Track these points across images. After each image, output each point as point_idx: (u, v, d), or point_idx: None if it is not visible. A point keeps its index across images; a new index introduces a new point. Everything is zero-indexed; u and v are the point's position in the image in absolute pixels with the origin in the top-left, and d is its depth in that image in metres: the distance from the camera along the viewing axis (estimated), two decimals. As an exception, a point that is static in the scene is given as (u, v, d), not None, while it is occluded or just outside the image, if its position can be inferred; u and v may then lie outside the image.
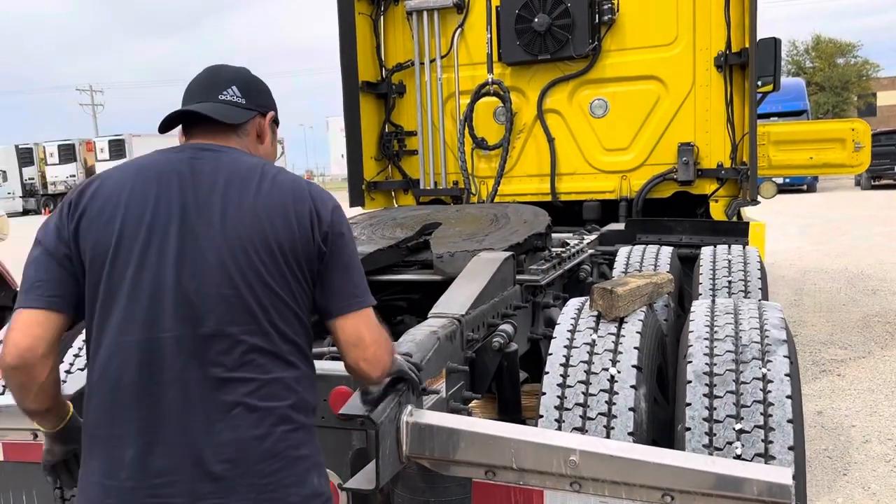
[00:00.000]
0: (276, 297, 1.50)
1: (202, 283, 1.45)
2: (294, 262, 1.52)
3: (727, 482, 1.69)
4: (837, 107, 41.48)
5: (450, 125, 5.68)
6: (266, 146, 1.74)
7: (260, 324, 1.48)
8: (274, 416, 1.48)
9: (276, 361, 1.50)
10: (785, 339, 2.24)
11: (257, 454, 1.46)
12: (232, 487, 1.44)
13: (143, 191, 1.51)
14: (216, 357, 1.45)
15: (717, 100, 5.07)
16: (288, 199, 1.54)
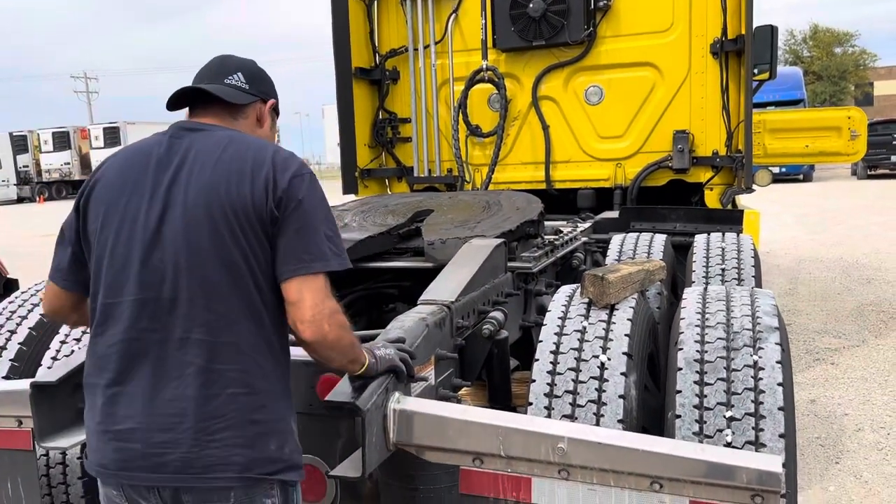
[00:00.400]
0: (234, 264, 1.58)
1: (165, 252, 1.58)
2: (250, 228, 1.58)
3: (717, 470, 1.67)
4: (834, 96, 41.43)
5: (444, 112, 5.64)
6: (265, 130, 1.85)
7: (217, 289, 1.57)
8: (224, 377, 1.56)
9: (231, 326, 1.57)
10: (777, 326, 2.22)
11: (204, 413, 1.55)
12: (180, 440, 1.54)
13: (124, 174, 1.67)
14: (176, 320, 1.57)
15: (713, 87, 5.03)
16: (246, 165, 1.61)
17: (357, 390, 1.88)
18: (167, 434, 1.55)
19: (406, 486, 2.37)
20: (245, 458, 1.56)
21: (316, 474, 2.21)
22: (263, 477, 1.59)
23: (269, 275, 1.62)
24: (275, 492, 1.63)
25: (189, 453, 1.54)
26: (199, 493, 1.57)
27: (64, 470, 2.68)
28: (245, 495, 1.58)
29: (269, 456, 1.60)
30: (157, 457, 1.56)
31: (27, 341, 2.93)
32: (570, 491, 1.81)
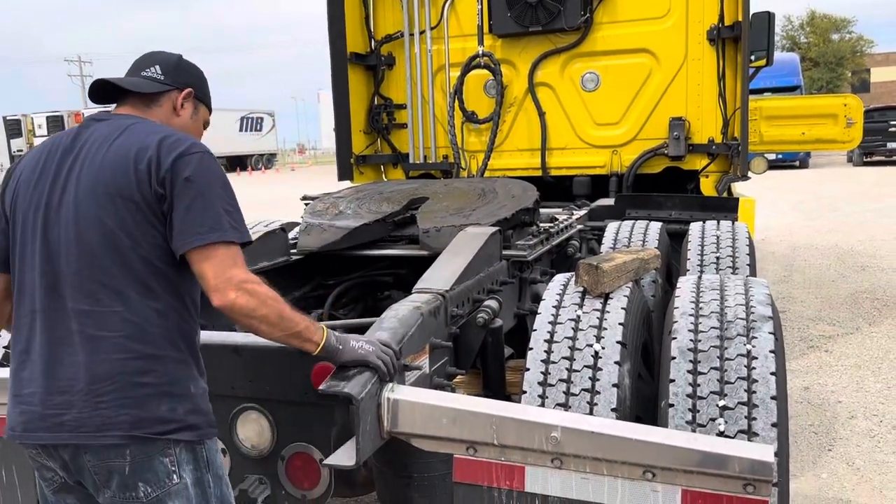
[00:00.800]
0: (117, 241, 1.70)
1: (58, 230, 1.73)
2: (135, 208, 1.70)
3: (709, 459, 1.68)
4: (831, 83, 41.37)
5: (440, 98, 5.62)
6: (183, 119, 1.95)
7: (101, 263, 1.70)
8: (108, 343, 1.68)
9: (115, 297, 1.70)
10: (770, 315, 2.22)
11: (94, 376, 1.67)
12: (73, 402, 1.68)
13: (36, 163, 1.82)
14: (68, 291, 1.71)
15: (710, 74, 5.01)
16: (132, 150, 1.72)
17: (351, 379, 1.88)
18: (62, 396, 1.68)
19: (400, 474, 2.38)
20: (133, 418, 1.67)
21: (310, 463, 2.22)
22: (153, 436, 1.69)
23: (161, 250, 1.72)
24: (173, 451, 1.72)
25: (82, 413, 1.67)
26: (95, 452, 1.69)
27: (58, 457, 2.68)
28: (141, 453, 1.69)
29: (159, 416, 1.69)
30: (53, 417, 1.69)
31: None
32: (564, 480, 1.82)
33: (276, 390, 2.23)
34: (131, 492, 1.70)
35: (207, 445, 1.79)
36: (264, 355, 2.21)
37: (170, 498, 1.72)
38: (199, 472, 1.76)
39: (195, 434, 1.75)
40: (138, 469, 1.69)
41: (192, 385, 1.77)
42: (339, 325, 2.84)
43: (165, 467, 1.71)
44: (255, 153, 44.04)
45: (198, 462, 1.76)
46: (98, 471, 1.70)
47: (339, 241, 3.37)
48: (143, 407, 1.68)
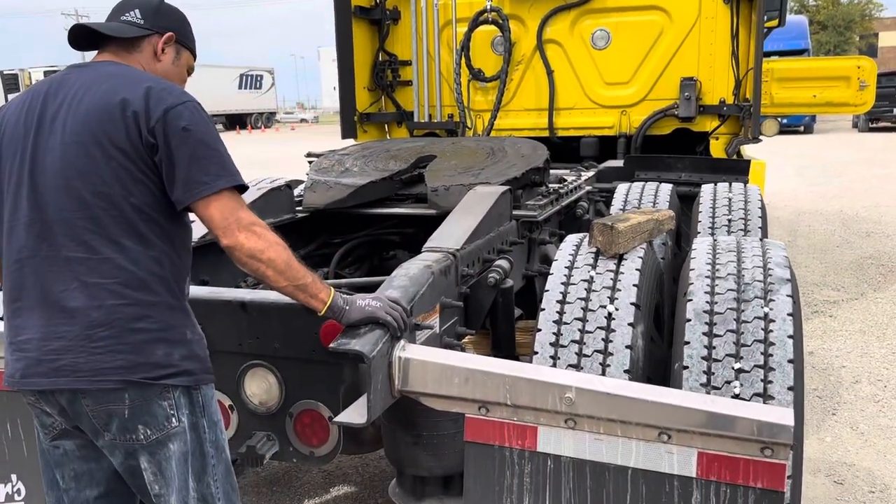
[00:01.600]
0: (107, 189, 1.68)
1: (46, 177, 1.71)
2: (124, 157, 1.69)
3: (727, 421, 1.65)
4: (839, 47, 40.85)
5: (446, 55, 5.50)
6: (164, 64, 1.92)
7: (92, 211, 1.69)
8: (104, 290, 1.68)
9: (109, 244, 1.69)
10: (788, 278, 2.18)
11: (89, 322, 1.68)
12: (69, 347, 1.68)
13: (19, 110, 1.80)
14: (59, 239, 1.70)
15: (723, 33, 4.90)
16: (118, 98, 1.70)
17: (362, 337, 1.85)
18: (58, 342, 1.69)
19: (409, 432, 2.37)
20: (129, 363, 1.68)
21: (319, 420, 2.20)
22: (149, 381, 1.70)
23: (153, 198, 1.72)
24: (171, 395, 1.74)
25: (78, 359, 1.68)
26: (93, 396, 1.70)
27: (64, 412, 2.67)
28: (140, 397, 1.71)
29: (154, 362, 1.71)
30: (50, 363, 1.69)
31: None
32: (577, 440, 1.80)
33: (284, 348, 2.20)
34: (131, 434, 1.73)
35: (203, 391, 1.81)
36: (272, 312, 2.18)
37: (169, 440, 1.75)
38: (195, 417, 1.79)
39: (191, 379, 1.77)
40: (138, 412, 1.71)
41: (187, 331, 1.78)
42: (344, 284, 2.81)
43: (164, 411, 1.74)
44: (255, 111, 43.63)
45: (193, 407, 1.78)
46: (97, 414, 1.72)
47: (345, 198, 3.31)
48: (139, 352, 1.70)
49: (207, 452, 1.81)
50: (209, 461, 1.82)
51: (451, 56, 5.43)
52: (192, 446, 1.79)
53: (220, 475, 1.84)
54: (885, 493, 3.16)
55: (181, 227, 1.81)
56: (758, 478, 1.65)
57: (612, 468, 1.77)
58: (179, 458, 1.77)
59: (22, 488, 2.41)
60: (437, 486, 2.48)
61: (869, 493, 3.18)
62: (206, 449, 1.81)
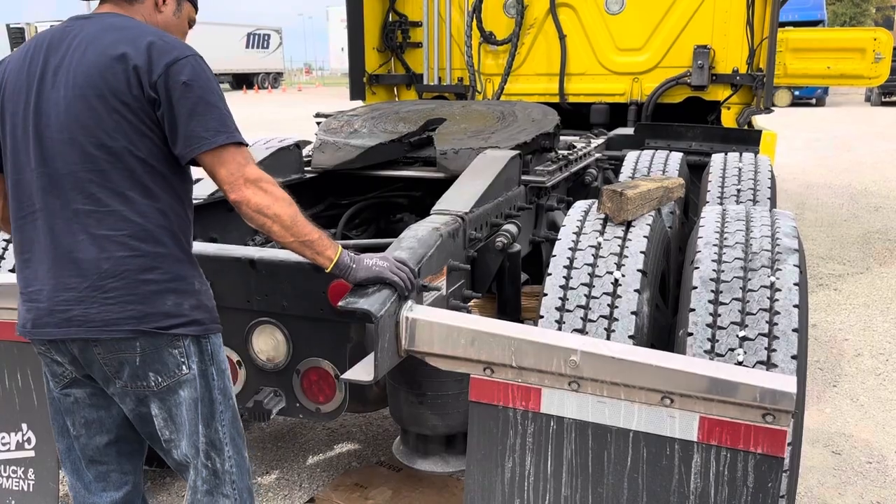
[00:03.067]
0: (111, 142, 1.70)
1: (52, 131, 1.71)
2: (127, 110, 1.69)
3: (730, 387, 1.67)
4: (854, 18, 40.15)
5: (457, 17, 5.44)
6: (165, 16, 1.91)
7: (98, 164, 1.70)
8: (112, 242, 1.71)
9: (116, 197, 1.71)
10: (796, 248, 2.19)
11: (98, 273, 1.70)
12: (80, 298, 1.71)
13: (21, 62, 1.80)
14: (67, 192, 1.71)
15: (738, 1, 4.83)
16: (120, 51, 1.70)
17: (370, 296, 1.87)
18: (69, 293, 1.72)
19: (414, 391, 2.40)
20: (139, 313, 1.71)
21: (325, 377, 2.23)
22: (159, 331, 1.73)
23: (158, 150, 1.73)
24: (181, 343, 1.77)
25: (90, 309, 1.71)
26: (105, 345, 1.73)
27: (73, 364, 2.70)
28: (151, 345, 1.74)
29: (164, 311, 1.73)
30: (61, 313, 1.72)
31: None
32: (580, 402, 1.82)
33: (292, 305, 2.22)
34: (142, 381, 1.77)
35: (212, 340, 1.84)
36: (281, 270, 2.20)
37: (179, 387, 1.79)
38: (204, 365, 1.82)
39: (200, 329, 1.80)
40: (148, 360, 1.75)
41: (195, 282, 1.81)
42: (351, 245, 2.82)
43: (175, 358, 1.77)
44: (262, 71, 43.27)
45: (202, 355, 1.82)
46: (108, 362, 1.75)
47: (353, 159, 3.31)
48: (148, 302, 1.72)
49: (216, 399, 1.85)
50: (217, 407, 1.86)
51: (462, 18, 5.37)
52: (202, 393, 1.82)
53: (227, 421, 1.89)
54: (882, 464, 3.20)
55: (185, 181, 1.83)
56: (758, 443, 1.68)
57: (615, 430, 1.80)
58: (189, 404, 1.81)
59: (32, 437, 2.45)
60: (440, 445, 2.52)
61: (866, 463, 3.21)
62: (214, 395, 1.85)
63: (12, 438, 2.46)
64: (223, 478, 1.88)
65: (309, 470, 3.23)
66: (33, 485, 2.44)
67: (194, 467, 1.87)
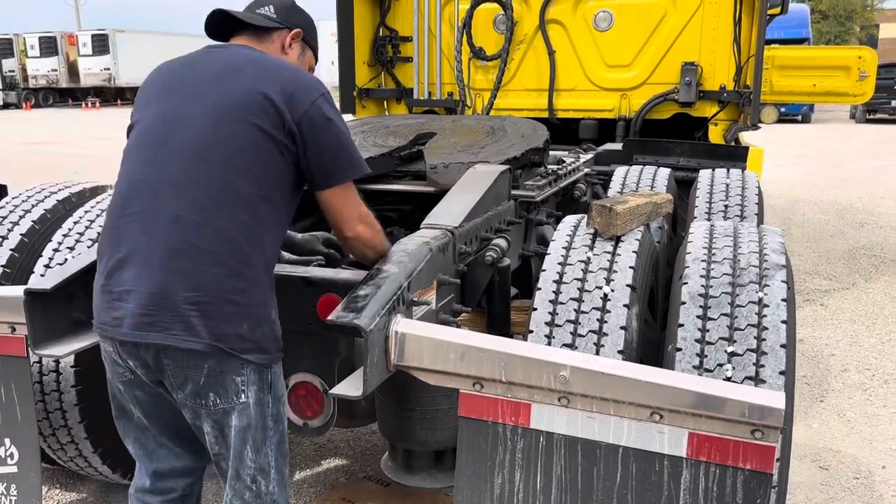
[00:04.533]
0: (241, 164, 1.79)
1: (181, 145, 1.81)
2: (264, 138, 1.80)
3: (718, 403, 1.67)
4: (839, 37, 40.72)
5: (447, 32, 5.47)
6: (290, 58, 2.07)
7: (214, 180, 1.78)
8: (210, 258, 1.76)
9: (225, 215, 1.78)
10: (784, 264, 2.20)
11: (189, 285, 1.75)
12: (166, 305, 1.75)
13: (164, 79, 1.95)
14: (174, 200, 1.77)
15: (725, 18, 4.89)
16: (266, 80, 1.83)
17: (359, 311, 1.86)
18: (158, 298, 1.75)
19: (403, 407, 2.38)
20: (217, 331, 1.75)
21: (314, 392, 2.21)
22: (231, 352, 1.77)
23: (280, 180, 1.84)
24: (245, 371, 1.81)
25: (174, 318, 1.75)
26: (175, 356, 1.77)
27: (58, 378, 2.68)
28: (217, 366, 1.78)
29: (239, 334, 1.78)
30: (145, 317, 1.76)
31: (18, 248, 2.88)
32: (569, 418, 1.82)
33: (281, 319, 2.20)
34: (202, 399, 1.82)
35: (273, 369, 1.89)
36: (270, 284, 2.18)
37: (234, 412, 1.83)
38: (262, 393, 1.86)
39: (266, 357, 1.84)
40: (212, 381, 1.79)
41: (272, 311, 1.87)
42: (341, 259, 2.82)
43: (236, 385, 1.81)
44: (252, 84, 43.20)
45: (262, 384, 1.85)
46: (175, 375, 1.80)
47: (343, 173, 3.30)
48: (228, 323, 1.76)
49: (268, 426, 1.87)
50: (268, 433, 1.88)
51: (452, 33, 5.40)
52: (256, 420, 1.85)
53: (275, 444, 1.91)
54: (869, 480, 3.21)
55: (289, 213, 1.95)
56: (747, 459, 1.68)
57: (604, 446, 1.79)
58: (239, 430, 1.83)
59: (15, 452, 2.42)
60: (429, 461, 2.51)
61: (854, 479, 3.23)
62: (266, 423, 1.87)
63: (-5, 454, 2.42)
64: (265, 499, 1.90)
65: (296, 485, 3.20)
66: (16, 500, 2.41)
67: (232, 487, 1.89)
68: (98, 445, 2.77)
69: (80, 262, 2.27)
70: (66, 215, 3.01)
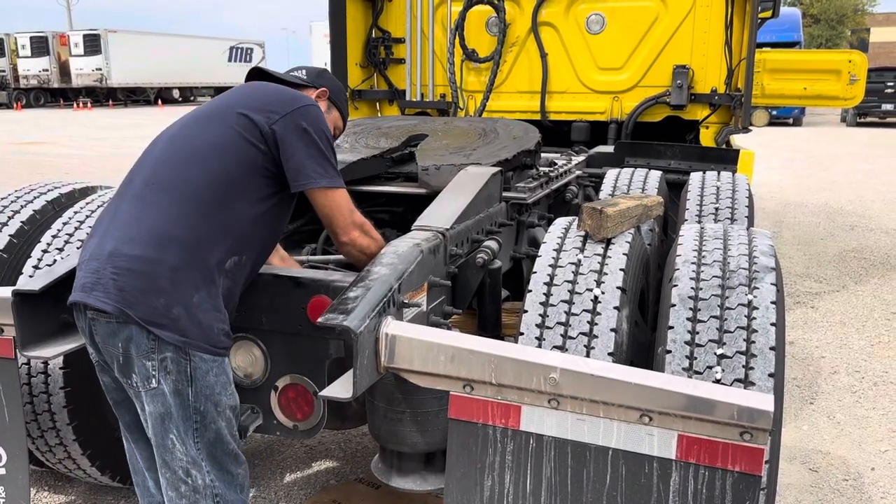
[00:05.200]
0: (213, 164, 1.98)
1: (172, 145, 2.04)
2: (240, 139, 1.99)
3: (708, 405, 1.67)
4: (830, 41, 40.96)
5: (440, 34, 5.47)
6: None
7: (207, 178, 1.96)
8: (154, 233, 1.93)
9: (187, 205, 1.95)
10: (773, 266, 2.20)
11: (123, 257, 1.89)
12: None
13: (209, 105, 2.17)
14: (162, 192, 1.94)
15: (717, 21, 4.91)
16: (245, 103, 2.06)
17: (350, 312, 1.85)
18: (97, 262, 1.92)
19: (393, 408, 2.38)
20: (132, 299, 1.87)
21: (304, 394, 2.21)
22: (141, 322, 1.87)
23: (264, 183, 2.04)
24: (155, 357, 1.88)
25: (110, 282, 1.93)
26: (98, 327, 1.94)
27: (46, 380, 2.66)
28: (130, 339, 1.88)
29: (154, 307, 1.85)
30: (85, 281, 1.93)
31: (7, 248, 2.86)
32: (559, 420, 1.82)
33: (270, 321, 2.20)
34: (127, 379, 1.89)
35: (195, 362, 1.86)
36: (259, 286, 2.18)
37: (150, 397, 1.87)
38: (180, 385, 1.86)
39: (181, 340, 1.83)
40: (131, 359, 1.85)
41: (196, 295, 1.87)
42: (332, 261, 2.81)
43: (147, 371, 1.85)
44: (244, 85, 43.17)
45: (180, 374, 1.86)
46: (105, 350, 1.91)
47: (335, 174, 3.29)
48: (144, 294, 1.82)
49: (190, 417, 1.87)
50: (191, 425, 1.88)
51: (444, 35, 5.40)
52: (175, 411, 1.86)
53: (207, 441, 1.90)
54: (859, 481, 3.23)
55: (271, 218, 2.11)
56: (736, 461, 1.68)
57: (594, 448, 1.79)
58: (157, 418, 1.86)
59: (3, 454, 2.40)
60: (419, 463, 2.50)
61: (843, 480, 3.24)
62: (188, 414, 1.87)
63: (-18, 456, 2.40)
64: (205, 492, 1.91)
65: (286, 488, 3.19)
66: (4, 502, 2.39)
67: (164, 476, 1.93)
68: (87, 447, 2.75)
69: (68, 263, 2.26)
70: (55, 216, 2.99)
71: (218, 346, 1.90)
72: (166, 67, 38.47)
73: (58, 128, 23.07)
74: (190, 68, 39.92)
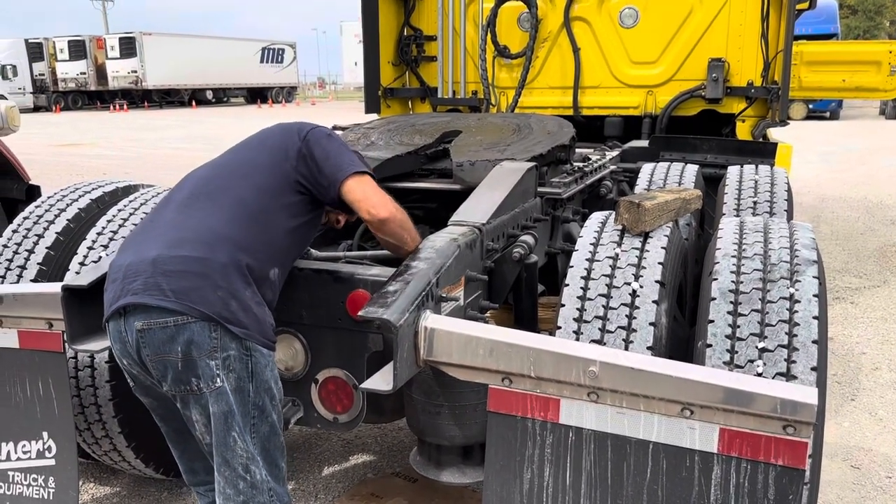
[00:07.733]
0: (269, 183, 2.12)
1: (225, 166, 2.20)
2: (275, 162, 2.16)
3: (750, 398, 1.66)
4: (868, 32, 40.08)
5: (471, 31, 5.48)
6: None
7: (252, 183, 2.11)
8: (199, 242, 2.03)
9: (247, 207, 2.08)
10: (815, 259, 2.18)
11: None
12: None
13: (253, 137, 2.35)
14: (207, 201, 2.05)
15: (753, 13, 4.84)
16: (290, 126, 2.30)
17: (390, 306, 1.87)
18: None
19: (432, 401, 2.40)
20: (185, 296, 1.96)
21: (343, 387, 2.24)
22: (206, 314, 1.92)
23: (300, 198, 2.16)
24: (218, 356, 1.94)
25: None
26: (148, 335, 1.98)
27: (92, 373, 2.72)
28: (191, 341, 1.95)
29: (211, 301, 1.91)
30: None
31: (54, 246, 2.93)
32: (599, 413, 1.82)
33: (311, 315, 2.23)
34: (184, 384, 1.93)
35: (255, 357, 1.91)
36: (299, 280, 2.21)
37: (214, 397, 1.91)
38: (242, 382, 1.90)
39: (243, 332, 1.88)
40: (190, 363, 1.89)
41: (249, 298, 1.94)
42: (368, 256, 2.84)
43: (211, 370, 1.88)
44: (276, 85, 43.62)
45: (245, 370, 1.90)
46: (154, 362, 1.95)
47: (370, 171, 3.32)
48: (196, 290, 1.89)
49: (249, 413, 1.91)
50: (249, 421, 1.92)
51: (476, 32, 5.41)
52: (237, 408, 1.89)
53: (262, 435, 1.95)
54: (902, 479, 3.17)
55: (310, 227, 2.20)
56: (779, 455, 1.67)
57: (634, 442, 1.79)
58: (220, 417, 1.87)
59: (53, 445, 2.47)
60: (457, 456, 2.52)
61: (886, 478, 3.18)
62: (248, 409, 1.91)
63: (33, 447, 2.48)
64: (262, 487, 1.94)
65: (325, 480, 3.23)
66: (53, 493, 2.46)
67: (222, 474, 1.95)
68: (132, 440, 2.82)
69: (114, 259, 2.32)
70: (99, 214, 3.06)
71: (271, 339, 1.96)
72: (199, 69, 39.00)
73: (95, 130, 23.53)
74: (222, 69, 40.41)
